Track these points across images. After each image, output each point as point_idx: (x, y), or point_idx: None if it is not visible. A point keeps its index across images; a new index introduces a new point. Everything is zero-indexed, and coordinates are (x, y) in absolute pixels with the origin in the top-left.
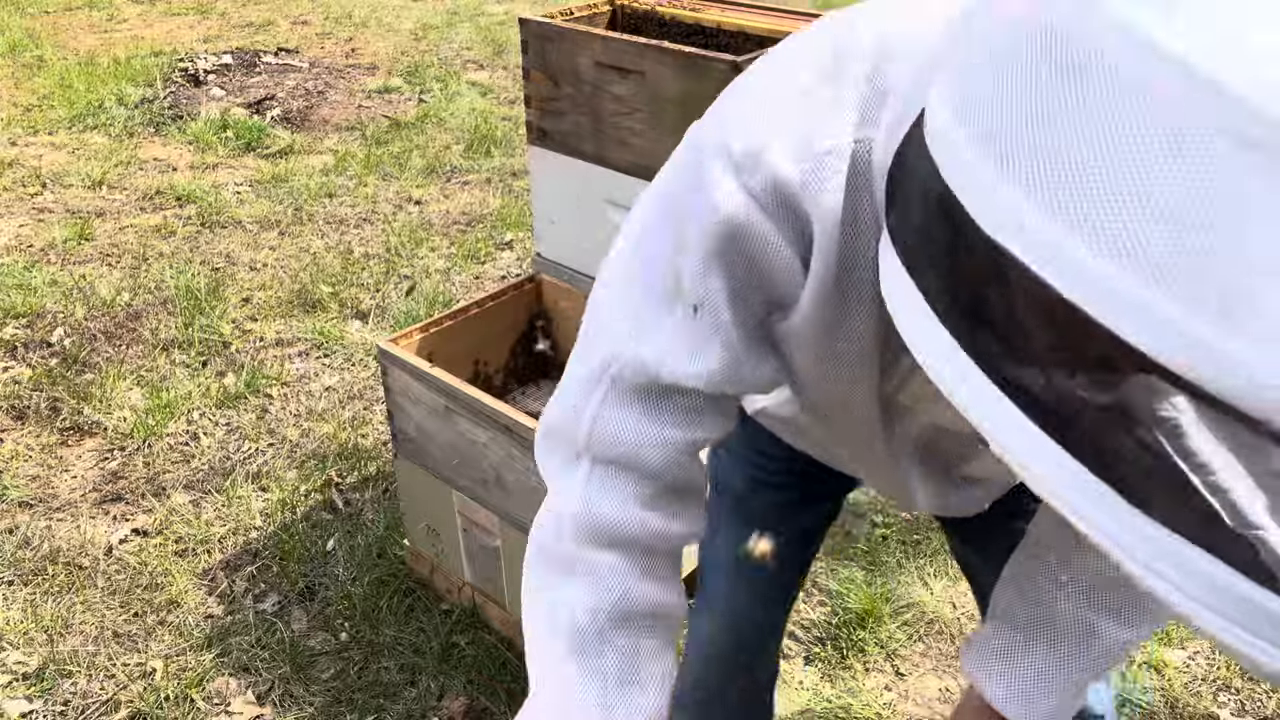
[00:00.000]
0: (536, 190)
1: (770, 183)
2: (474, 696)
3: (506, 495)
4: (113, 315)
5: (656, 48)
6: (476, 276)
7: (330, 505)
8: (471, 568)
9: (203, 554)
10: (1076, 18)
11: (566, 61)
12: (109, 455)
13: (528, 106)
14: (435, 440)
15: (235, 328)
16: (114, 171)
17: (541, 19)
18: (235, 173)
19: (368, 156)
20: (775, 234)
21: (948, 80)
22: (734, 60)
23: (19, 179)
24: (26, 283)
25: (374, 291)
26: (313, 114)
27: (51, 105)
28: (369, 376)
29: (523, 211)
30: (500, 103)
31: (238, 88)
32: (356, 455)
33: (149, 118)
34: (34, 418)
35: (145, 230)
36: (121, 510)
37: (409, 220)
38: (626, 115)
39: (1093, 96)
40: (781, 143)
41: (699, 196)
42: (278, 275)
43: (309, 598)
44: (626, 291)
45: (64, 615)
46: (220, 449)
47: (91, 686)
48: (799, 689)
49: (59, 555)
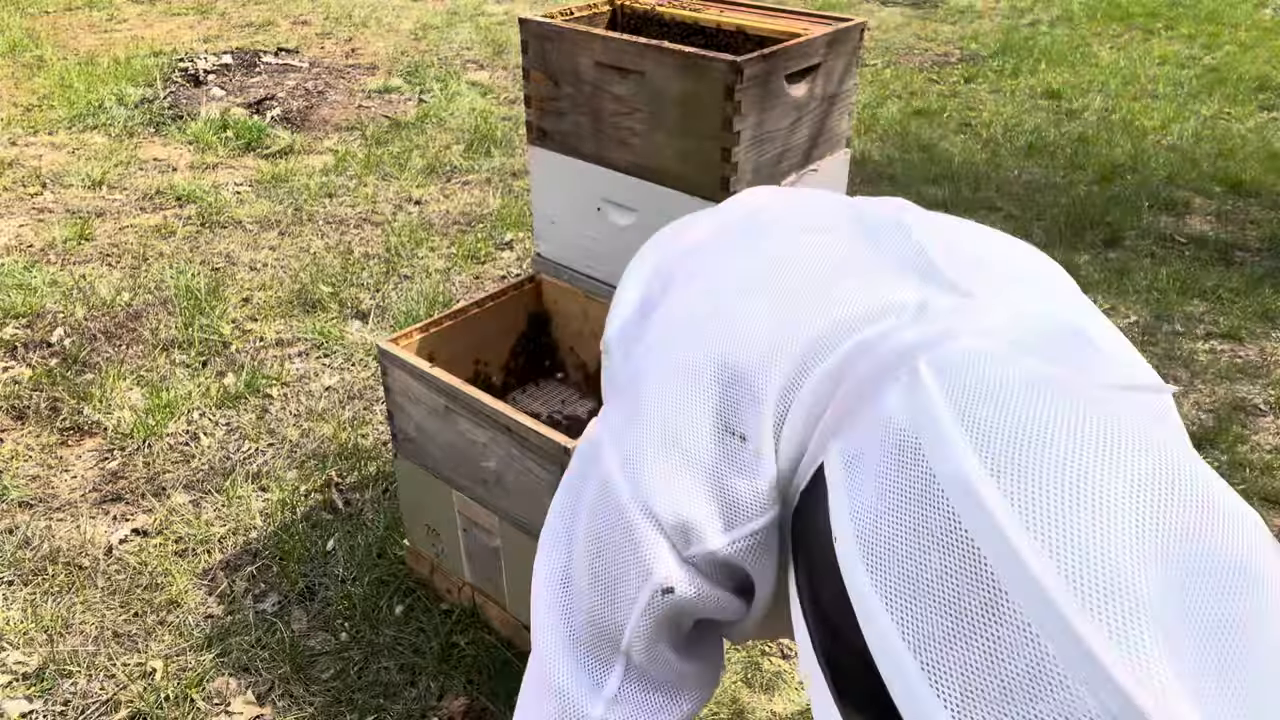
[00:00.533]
0: (536, 190)
1: (707, 555)
2: (474, 696)
3: (506, 495)
4: (113, 315)
5: (656, 48)
6: (476, 276)
7: (330, 505)
8: (471, 568)
9: (203, 554)
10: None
11: (566, 61)
12: (109, 455)
13: (528, 106)
14: (435, 440)
15: (235, 328)
16: (114, 171)
17: (541, 19)
18: (235, 173)
19: (368, 156)
20: (718, 591)
21: (846, 492)
22: (734, 60)
23: (19, 179)
24: (26, 283)
25: (374, 291)
26: (313, 114)
27: (51, 105)
28: (369, 376)
29: (523, 211)
30: (500, 103)
31: (238, 88)
32: (356, 455)
33: (149, 118)
34: (34, 418)
35: (145, 230)
36: (121, 510)
37: (409, 220)
38: (626, 115)
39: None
40: (709, 513)
41: (636, 568)
42: (278, 275)
43: (309, 598)
44: (565, 634)
45: (64, 615)
46: (220, 449)
47: (91, 686)
48: (799, 689)
49: (59, 555)
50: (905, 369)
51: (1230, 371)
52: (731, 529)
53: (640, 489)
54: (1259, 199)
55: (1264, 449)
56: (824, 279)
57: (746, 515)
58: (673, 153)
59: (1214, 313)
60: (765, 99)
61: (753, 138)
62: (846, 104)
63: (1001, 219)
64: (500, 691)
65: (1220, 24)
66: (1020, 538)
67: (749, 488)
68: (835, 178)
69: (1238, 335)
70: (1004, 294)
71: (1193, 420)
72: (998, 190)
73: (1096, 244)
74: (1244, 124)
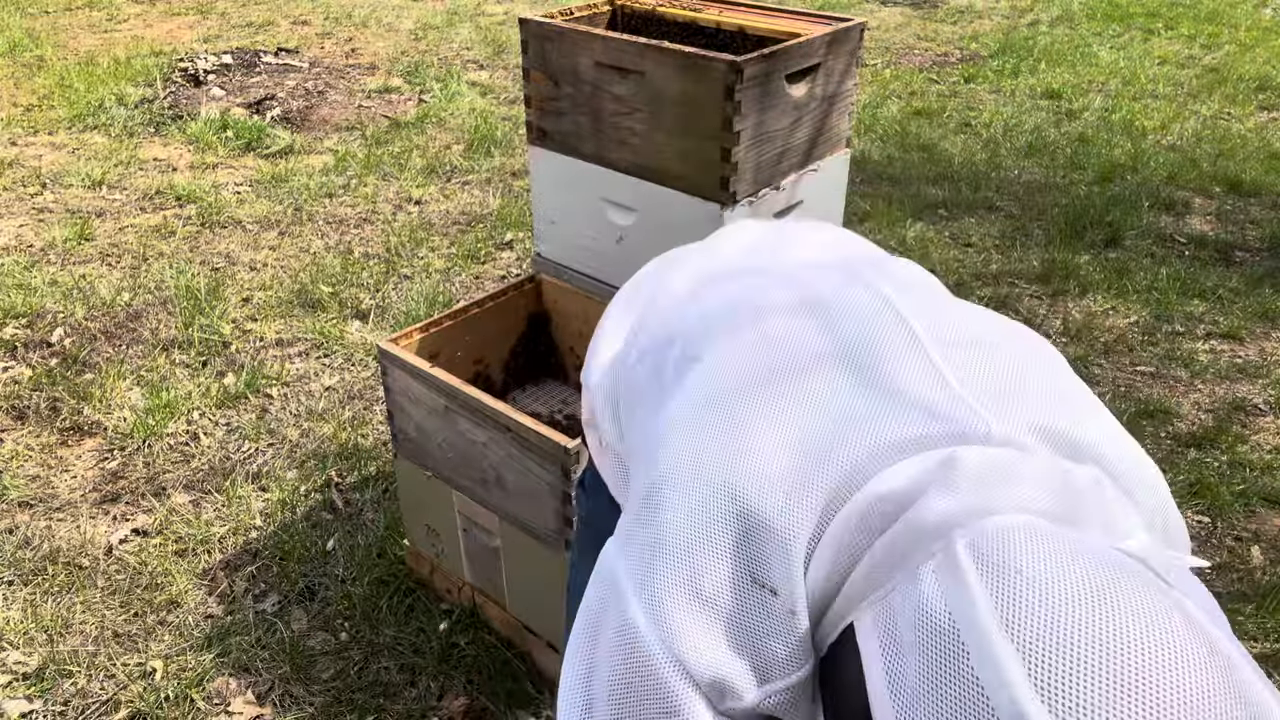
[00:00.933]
0: (536, 190)
1: (744, 710)
2: (474, 696)
3: (506, 495)
4: (113, 315)
5: (656, 48)
6: (476, 276)
7: (330, 505)
8: (471, 568)
9: (203, 554)
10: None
11: (566, 61)
12: (109, 455)
13: (528, 106)
14: (435, 440)
15: (235, 328)
16: (114, 171)
17: (541, 19)
18: (235, 173)
19: (368, 156)
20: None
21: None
22: (734, 60)
23: (19, 179)
24: (26, 283)
25: (374, 291)
26: (313, 114)
27: (51, 105)
28: (369, 376)
29: (523, 211)
30: (500, 103)
31: (238, 88)
32: (356, 455)
33: (149, 118)
34: (34, 418)
35: (145, 230)
36: (121, 510)
37: (409, 220)
38: (626, 115)
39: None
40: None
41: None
42: (278, 275)
43: (309, 598)
44: None
45: (64, 615)
46: (220, 449)
47: (91, 686)
48: None
49: (59, 555)
50: (940, 545)
51: (1230, 371)
52: (766, 683)
53: (671, 642)
54: (1259, 199)
55: (1264, 449)
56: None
57: (783, 672)
58: (673, 153)
59: (1214, 313)
60: (765, 99)
61: (753, 138)
62: (846, 104)
63: (1001, 219)
64: (500, 691)
65: (1220, 24)
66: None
67: (784, 645)
68: (835, 178)
69: (1238, 335)
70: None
71: (1193, 420)
72: (998, 190)
73: (1096, 244)
74: (1244, 124)
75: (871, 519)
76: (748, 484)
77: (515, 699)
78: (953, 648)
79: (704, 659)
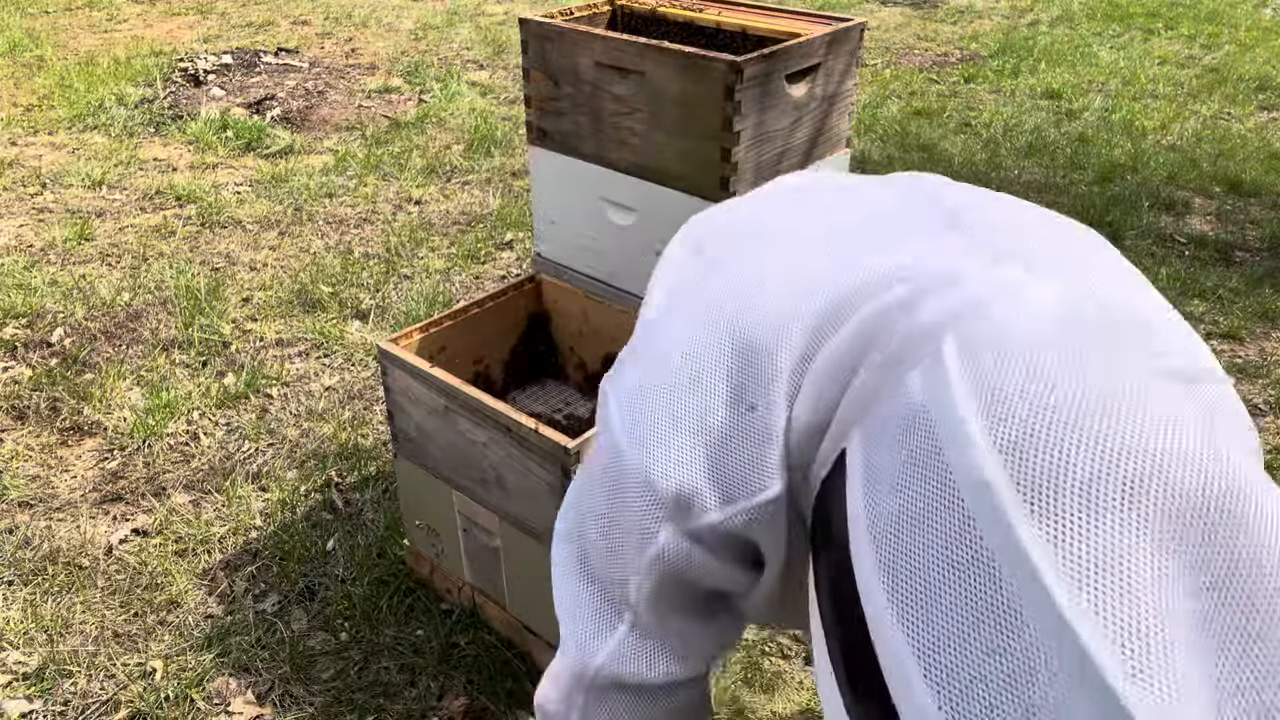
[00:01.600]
0: (536, 190)
1: (709, 527)
2: (474, 696)
3: (506, 495)
4: (113, 315)
5: (656, 48)
6: (476, 276)
7: (330, 505)
8: (471, 568)
9: (203, 554)
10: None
11: (566, 61)
12: (109, 455)
13: (528, 106)
14: (435, 440)
15: (235, 328)
16: (114, 171)
17: (541, 19)
18: (235, 173)
19: (368, 156)
20: (722, 563)
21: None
22: (734, 60)
23: (19, 179)
24: (26, 283)
25: (374, 291)
26: (313, 114)
27: (51, 105)
28: (369, 376)
29: (523, 211)
30: (500, 103)
31: (238, 88)
32: (356, 455)
33: (149, 118)
34: (34, 418)
35: (145, 230)
36: (121, 510)
37: (409, 220)
38: (626, 115)
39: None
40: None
41: (638, 534)
42: (278, 275)
43: (309, 598)
44: (581, 586)
45: (64, 615)
46: (220, 449)
47: (91, 686)
48: (799, 689)
49: (59, 555)
50: (930, 348)
51: (1230, 371)
52: (730, 503)
53: (644, 458)
54: (1259, 199)
55: (1264, 449)
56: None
57: (748, 490)
58: (673, 153)
59: (1214, 313)
60: (765, 99)
61: (753, 138)
62: (846, 104)
63: None
64: (500, 691)
65: (1220, 24)
66: (1044, 563)
67: (752, 459)
68: None
69: (1238, 335)
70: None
71: None
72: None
73: None
74: (1244, 124)
75: (865, 336)
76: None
77: (515, 699)
78: (927, 443)
79: (671, 476)
